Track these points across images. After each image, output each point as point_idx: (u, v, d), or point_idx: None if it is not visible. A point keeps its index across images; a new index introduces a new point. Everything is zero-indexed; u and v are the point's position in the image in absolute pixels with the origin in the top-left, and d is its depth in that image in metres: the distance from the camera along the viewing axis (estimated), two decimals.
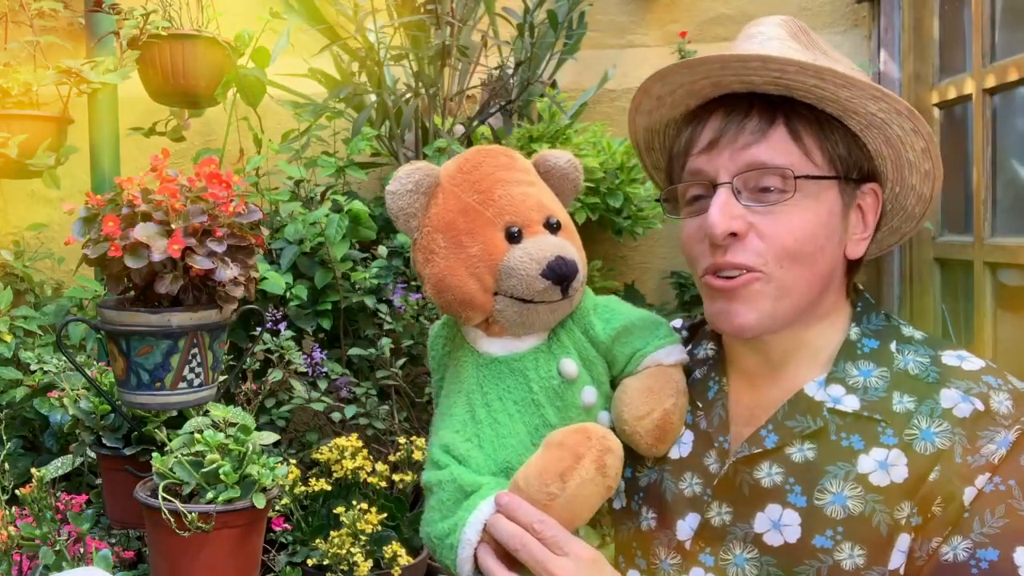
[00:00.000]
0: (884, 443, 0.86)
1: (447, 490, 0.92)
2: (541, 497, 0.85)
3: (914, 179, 0.93)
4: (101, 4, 2.01)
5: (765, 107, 0.89)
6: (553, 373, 0.94)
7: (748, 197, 0.88)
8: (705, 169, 0.91)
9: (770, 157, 0.88)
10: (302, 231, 2.11)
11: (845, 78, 0.85)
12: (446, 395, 1.00)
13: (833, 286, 0.94)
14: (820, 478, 0.87)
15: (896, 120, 0.88)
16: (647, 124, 1.01)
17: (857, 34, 2.66)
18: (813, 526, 0.86)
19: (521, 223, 0.92)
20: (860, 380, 0.90)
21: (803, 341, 0.94)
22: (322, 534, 1.82)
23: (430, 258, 0.93)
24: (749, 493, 0.90)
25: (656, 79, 0.93)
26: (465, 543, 0.88)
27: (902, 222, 0.99)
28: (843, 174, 0.90)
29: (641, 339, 0.97)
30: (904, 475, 0.84)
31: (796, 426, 0.90)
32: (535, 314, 0.92)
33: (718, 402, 0.97)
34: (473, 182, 0.93)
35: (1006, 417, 0.83)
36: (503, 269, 0.90)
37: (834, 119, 0.90)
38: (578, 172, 1.00)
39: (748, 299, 0.89)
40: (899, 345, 0.92)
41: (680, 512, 0.95)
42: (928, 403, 0.86)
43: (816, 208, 0.88)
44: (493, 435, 0.93)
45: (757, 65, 0.86)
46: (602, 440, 0.85)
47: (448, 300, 0.93)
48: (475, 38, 2.46)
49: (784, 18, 0.96)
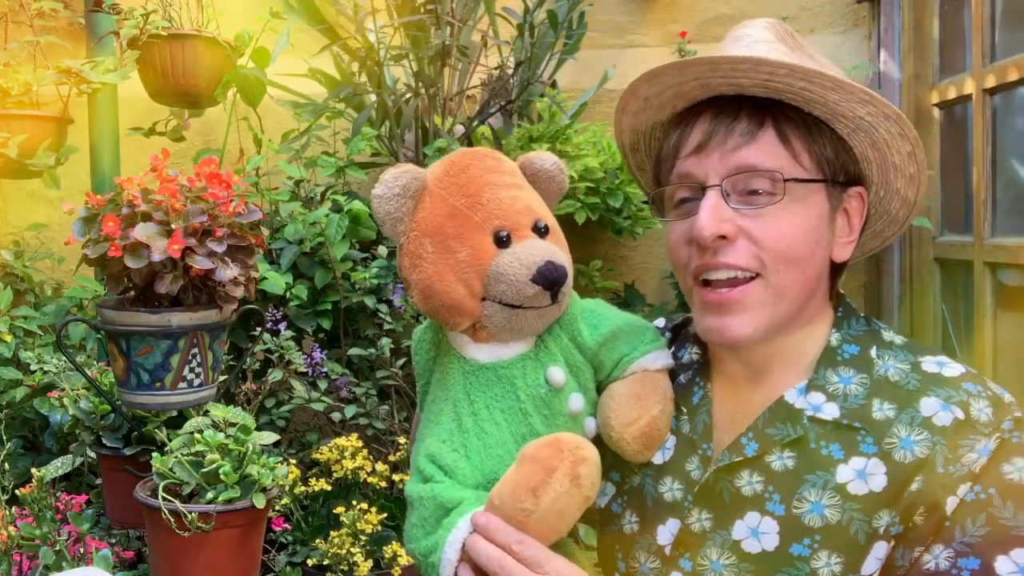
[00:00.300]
0: (863, 452, 0.86)
1: (427, 507, 0.92)
2: (516, 514, 0.84)
3: (899, 183, 0.93)
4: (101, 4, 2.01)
5: (754, 110, 0.89)
6: (540, 381, 0.93)
7: (737, 200, 0.88)
8: (694, 172, 0.91)
9: (760, 160, 0.87)
10: (302, 231, 2.11)
11: (834, 81, 0.85)
12: (432, 401, 0.99)
13: (820, 290, 0.94)
14: (799, 487, 0.87)
15: (883, 124, 0.88)
16: (633, 125, 1.01)
17: (857, 34, 2.66)
18: (791, 534, 0.86)
19: (510, 227, 0.91)
20: (840, 387, 0.90)
21: (785, 346, 0.93)
22: (322, 534, 1.82)
23: (417, 263, 0.92)
24: (729, 501, 0.90)
25: (645, 80, 0.93)
26: (446, 563, 0.87)
27: (885, 226, 0.99)
28: (831, 177, 0.90)
29: (628, 344, 0.96)
30: (883, 484, 0.84)
31: (776, 434, 0.90)
32: (524, 320, 0.91)
33: (702, 408, 0.97)
34: (461, 185, 0.92)
35: (986, 425, 0.83)
36: (492, 274, 0.89)
37: (821, 122, 0.90)
38: (563, 174, 1.00)
39: (744, 309, 0.88)
40: (879, 351, 0.92)
41: (661, 517, 0.95)
42: (908, 411, 0.86)
43: (804, 212, 0.88)
44: (480, 445, 0.92)
45: (748, 67, 0.86)
46: (574, 451, 0.84)
47: (435, 306, 0.92)
48: (475, 38, 2.46)
49: (771, 21, 0.95)
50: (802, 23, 2.66)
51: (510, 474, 0.86)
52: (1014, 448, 0.82)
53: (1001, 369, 1.96)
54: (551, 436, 0.86)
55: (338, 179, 2.28)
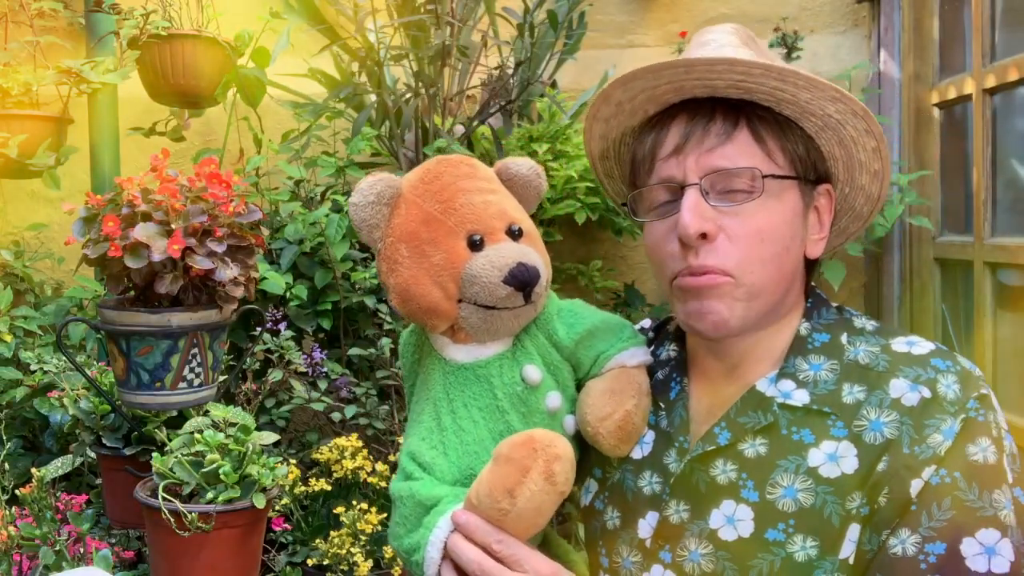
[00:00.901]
0: (834, 435, 0.87)
1: (407, 505, 0.94)
2: (494, 514, 0.85)
3: (863, 179, 0.96)
4: (101, 4, 2.01)
5: (728, 110, 0.91)
6: (516, 379, 0.95)
7: (716, 198, 0.90)
8: (673, 173, 0.92)
9: (737, 158, 0.90)
10: (302, 231, 2.11)
11: (807, 79, 0.87)
12: (415, 402, 1.02)
13: (795, 286, 0.96)
14: (772, 472, 0.88)
15: (852, 121, 0.91)
16: (604, 131, 1.02)
17: (857, 34, 2.66)
18: (765, 520, 0.87)
19: (483, 231, 0.93)
20: (811, 374, 0.91)
21: (758, 340, 0.95)
22: (322, 534, 1.82)
23: (394, 268, 0.94)
24: (705, 490, 0.92)
25: (619, 84, 0.94)
26: (429, 562, 0.89)
27: (850, 222, 1.02)
28: (802, 175, 0.93)
29: (605, 342, 0.98)
30: (855, 466, 0.85)
31: (748, 422, 0.91)
32: (499, 320, 0.93)
33: (679, 402, 0.99)
34: (435, 192, 0.94)
35: (952, 403, 0.84)
36: (465, 277, 0.91)
37: (791, 121, 0.92)
38: (541, 179, 1.02)
39: (720, 297, 0.90)
40: (850, 337, 0.93)
41: (641, 511, 0.97)
42: (877, 393, 0.87)
43: (780, 208, 0.91)
44: (458, 442, 0.94)
45: (723, 68, 0.88)
46: (548, 449, 0.86)
47: (413, 309, 0.95)
48: (475, 38, 2.46)
49: (734, 26, 0.98)
50: (802, 23, 2.66)
51: (486, 473, 0.88)
52: (979, 428, 0.83)
53: (1001, 369, 1.96)
54: (524, 434, 0.88)
55: (338, 179, 2.28)
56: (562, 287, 2.46)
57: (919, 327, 2.32)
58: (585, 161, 2.28)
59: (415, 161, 2.37)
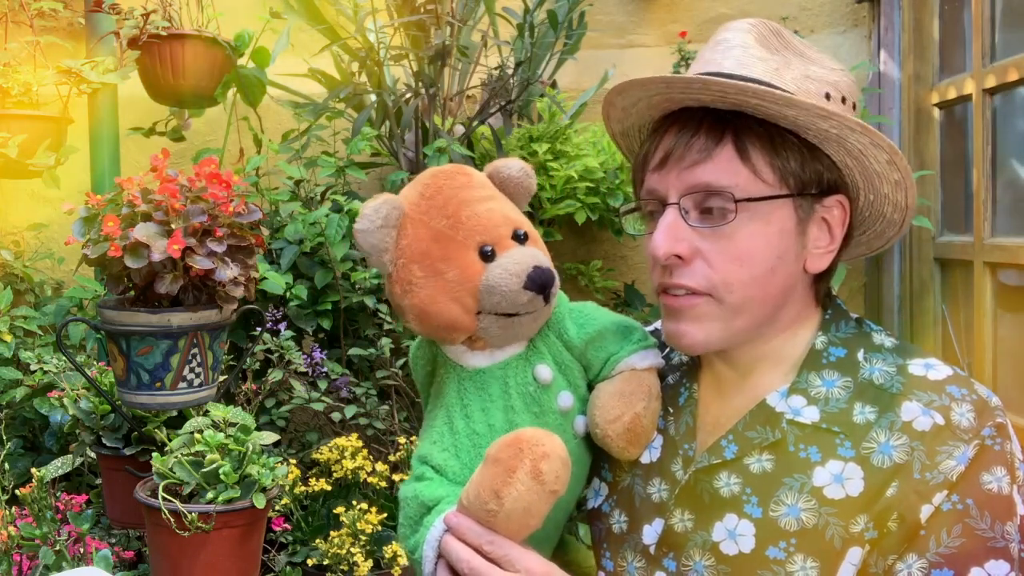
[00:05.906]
0: (841, 455, 0.86)
1: (411, 506, 0.95)
2: (482, 515, 0.85)
3: (885, 188, 0.92)
4: (101, 4, 2.01)
5: (714, 124, 0.88)
6: (529, 379, 0.96)
7: (695, 218, 0.88)
8: (657, 188, 0.92)
9: (715, 178, 0.87)
10: (302, 231, 2.11)
11: (787, 100, 0.83)
12: (429, 410, 1.02)
13: (794, 299, 0.93)
14: (776, 490, 0.87)
15: (851, 136, 0.87)
16: (621, 130, 1.03)
17: (857, 34, 2.66)
18: (767, 537, 0.86)
19: (492, 240, 0.93)
20: (822, 391, 0.90)
21: (767, 351, 0.94)
22: (322, 534, 1.82)
23: (409, 289, 0.94)
24: (709, 502, 0.91)
25: (615, 93, 0.95)
26: (426, 561, 0.90)
27: (885, 227, 0.98)
28: (797, 191, 0.89)
29: (615, 344, 0.99)
30: (860, 488, 0.84)
31: (756, 437, 0.90)
32: (519, 326, 0.94)
33: (687, 409, 0.98)
34: (438, 207, 0.94)
35: (966, 431, 0.82)
36: (484, 288, 0.91)
37: (790, 132, 0.88)
38: (531, 179, 1.02)
39: (695, 319, 0.90)
40: (867, 354, 0.91)
41: (647, 517, 0.96)
42: (888, 416, 0.85)
43: (764, 229, 0.88)
44: (470, 444, 0.95)
45: (698, 87, 0.86)
46: (535, 448, 0.84)
47: (432, 327, 0.95)
48: (475, 38, 2.46)
49: (754, 22, 0.94)
50: (802, 23, 2.66)
51: (476, 475, 0.88)
52: (994, 456, 0.82)
53: (1001, 369, 1.96)
54: (512, 434, 0.87)
55: (338, 179, 2.28)
56: (562, 287, 2.46)
57: (919, 327, 2.32)
58: (586, 161, 2.28)
59: (415, 161, 2.37)
